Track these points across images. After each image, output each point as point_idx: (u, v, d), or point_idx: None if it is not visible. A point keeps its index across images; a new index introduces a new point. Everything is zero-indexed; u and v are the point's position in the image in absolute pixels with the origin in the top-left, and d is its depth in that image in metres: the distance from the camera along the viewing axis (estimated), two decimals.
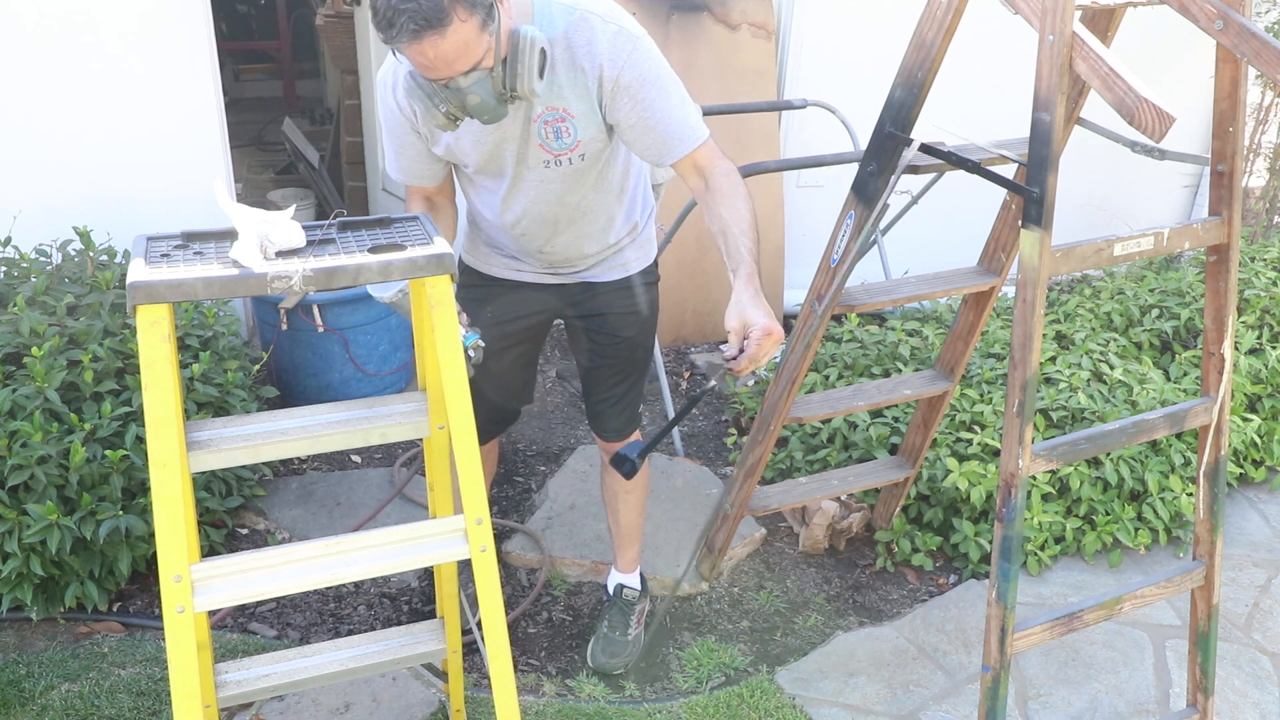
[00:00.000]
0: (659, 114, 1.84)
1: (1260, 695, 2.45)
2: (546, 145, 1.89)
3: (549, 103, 1.85)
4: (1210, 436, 2.02)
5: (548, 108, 1.85)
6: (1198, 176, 4.86)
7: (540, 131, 1.87)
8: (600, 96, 1.84)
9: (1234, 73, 1.76)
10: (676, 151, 1.87)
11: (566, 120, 1.86)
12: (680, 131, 1.86)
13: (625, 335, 2.24)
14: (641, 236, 2.22)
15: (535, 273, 2.19)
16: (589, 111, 1.86)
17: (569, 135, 1.88)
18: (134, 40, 3.01)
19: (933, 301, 3.71)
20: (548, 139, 1.88)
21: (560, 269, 2.17)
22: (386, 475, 3.09)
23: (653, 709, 2.34)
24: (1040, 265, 1.69)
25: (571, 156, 1.92)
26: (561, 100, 1.84)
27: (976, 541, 2.78)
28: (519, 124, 1.87)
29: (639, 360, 2.30)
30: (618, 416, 2.34)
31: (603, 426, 2.36)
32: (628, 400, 2.33)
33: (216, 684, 1.79)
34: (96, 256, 2.85)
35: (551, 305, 2.24)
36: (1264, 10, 4.56)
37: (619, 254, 2.18)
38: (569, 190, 1.99)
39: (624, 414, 2.34)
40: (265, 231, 1.48)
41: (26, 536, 2.28)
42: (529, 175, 1.95)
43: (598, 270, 2.18)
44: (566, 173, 1.95)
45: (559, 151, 1.91)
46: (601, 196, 2.05)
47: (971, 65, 3.32)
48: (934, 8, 1.90)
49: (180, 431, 1.47)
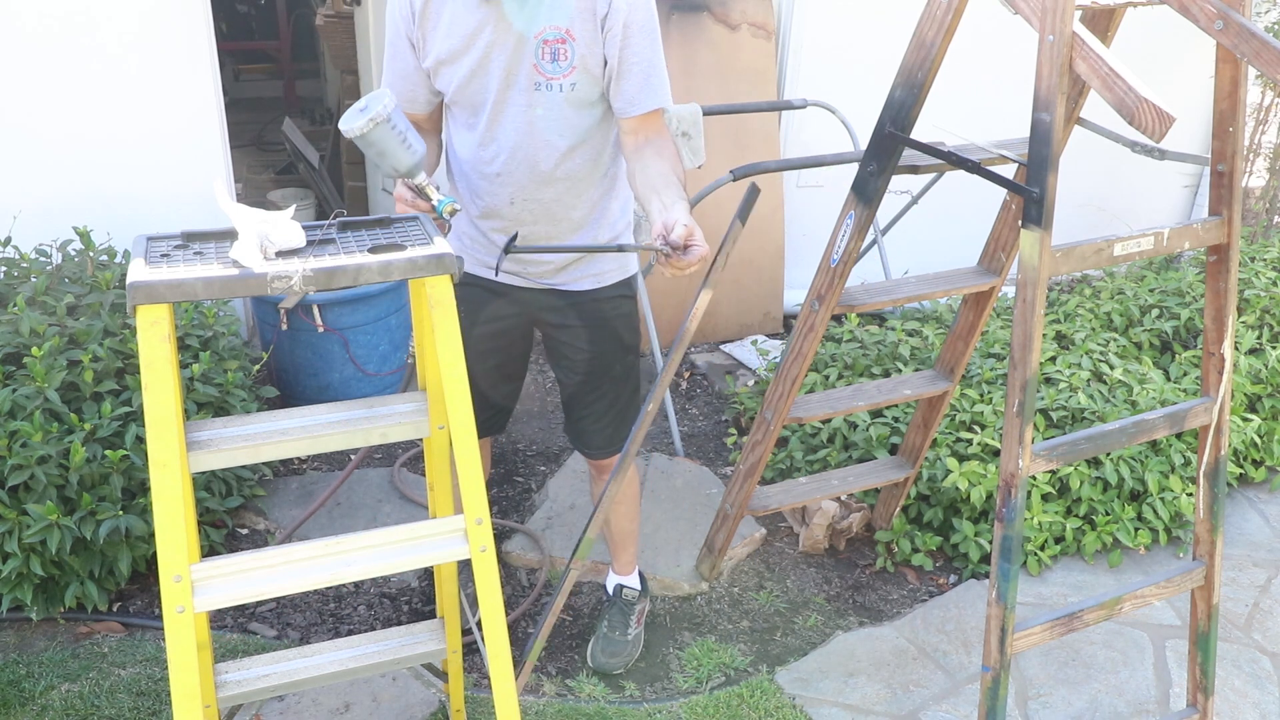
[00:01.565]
0: (645, 62, 1.87)
1: (1260, 695, 2.45)
2: (541, 66, 1.86)
3: (552, 20, 1.82)
4: (1210, 436, 2.02)
5: (550, 25, 1.83)
6: (1198, 176, 4.87)
7: (538, 50, 1.85)
8: (603, 23, 1.83)
9: (1234, 73, 1.76)
10: (646, 103, 1.90)
11: (567, 42, 1.84)
12: (657, 86, 1.90)
13: (599, 349, 2.18)
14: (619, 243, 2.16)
15: (507, 273, 2.12)
16: (591, 37, 1.84)
17: (565, 59, 1.86)
18: (134, 40, 3.01)
19: (933, 301, 3.71)
20: (543, 60, 1.85)
21: (531, 264, 2.11)
22: (387, 475, 3.09)
23: (653, 709, 2.34)
24: (1040, 265, 1.69)
25: (564, 83, 1.88)
26: (566, 19, 1.83)
27: (976, 541, 2.78)
28: (512, 38, 1.84)
29: (617, 376, 2.23)
30: (600, 434, 2.28)
31: (584, 443, 2.32)
32: (610, 417, 2.26)
33: (216, 684, 1.79)
34: (96, 256, 2.85)
35: (522, 311, 2.18)
36: (1264, 10, 4.56)
37: (595, 260, 2.13)
38: (554, 128, 1.93)
39: (605, 431, 2.27)
40: (265, 231, 1.48)
41: (26, 536, 2.28)
42: (515, 99, 1.90)
43: (571, 274, 2.12)
44: (556, 102, 1.90)
45: (553, 75, 1.87)
46: (589, 167, 2.00)
47: (971, 65, 3.32)
48: (934, 8, 1.90)
49: (180, 431, 1.47)
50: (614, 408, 2.26)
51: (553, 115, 1.92)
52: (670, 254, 1.72)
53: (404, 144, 1.70)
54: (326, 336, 3.22)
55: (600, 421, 2.26)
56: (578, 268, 2.13)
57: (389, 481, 3.07)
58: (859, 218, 2.10)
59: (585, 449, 2.33)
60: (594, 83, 1.91)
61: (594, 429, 2.28)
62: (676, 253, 1.72)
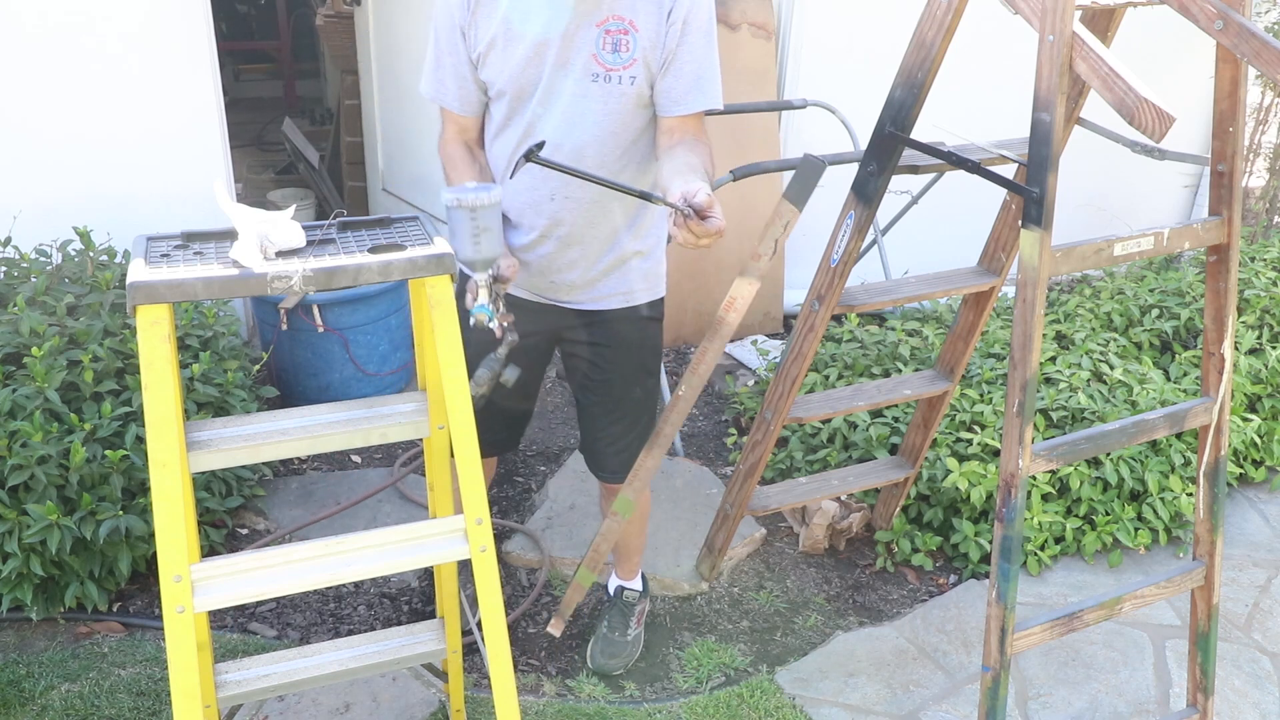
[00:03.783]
0: (697, 62, 1.82)
1: (1260, 695, 2.45)
2: (600, 57, 1.78)
3: (615, 9, 1.77)
4: (1210, 436, 2.02)
5: (613, 15, 1.77)
6: (1198, 176, 4.87)
7: (599, 40, 1.77)
8: (668, 16, 1.78)
9: (1234, 73, 1.76)
10: (692, 104, 1.84)
11: (630, 34, 1.78)
12: (708, 87, 1.85)
13: (622, 372, 2.13)
14: (650, 261, 2.09)
15: (533, 293, 2.07)
16: (655, 31, 1.78)
17: (627, 50, 1.79)
18: (134, 40, 3.01)
19: (933, 301, 3.71)
20: (604, 50, 1.78)
21: (560, 288, 2.05)
22: (386, 475, 3.09)
23: (653, 709, 2.34)
24: (1040, 265, 1.69)
25: (623, 74, 1.80)
26: (631, 10, 1.77)
27: (976, 541, 2.78)
28: (573, 22, 1.77)
29: (637, 400, 2.17)
30: (615, 457, 2.21)
31: (599, 465, 2.27)
32: (626, 441, 2.20)
33: (216, 684, 1.80)
34: (96, 256, 2.85)
35: (547, 328, 2.11)
36: (1264, 10, 4.57)
37: (625, 276, 2.05)
38: (607, 124, 1.85)
39: (621, 455, 2.20)
40: (265, 231, 1.48)
41: (26, 536, 2.28)
42: (568, 88, 1.82)
43: (601, 290, 2.05)
44: (608, 94, 1.82)
45: (612, 66, 1.79)
46: (636, 171, 1.93)
47: (971, 65, 3.32)
48: (934, 8, 1.90)
49: (180, 431, 1.47)
50: (632, 431, 2.20)
51: (609, 110, 1.84)
52: (690, 215, 1.62)
53: (474, 238, 1.60)
54: (326, 336, 3.22)
55: (615, 445, 2.21)
56: (605, 284, 2.05)
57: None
58: (859, 218, 2.10)
59: (599, 472, 2.28)
60: (649, 78, 1.84)
61: (609, 452, 2.23)
62: (695, 217, 1.62)
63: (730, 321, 1.95)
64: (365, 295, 3.22)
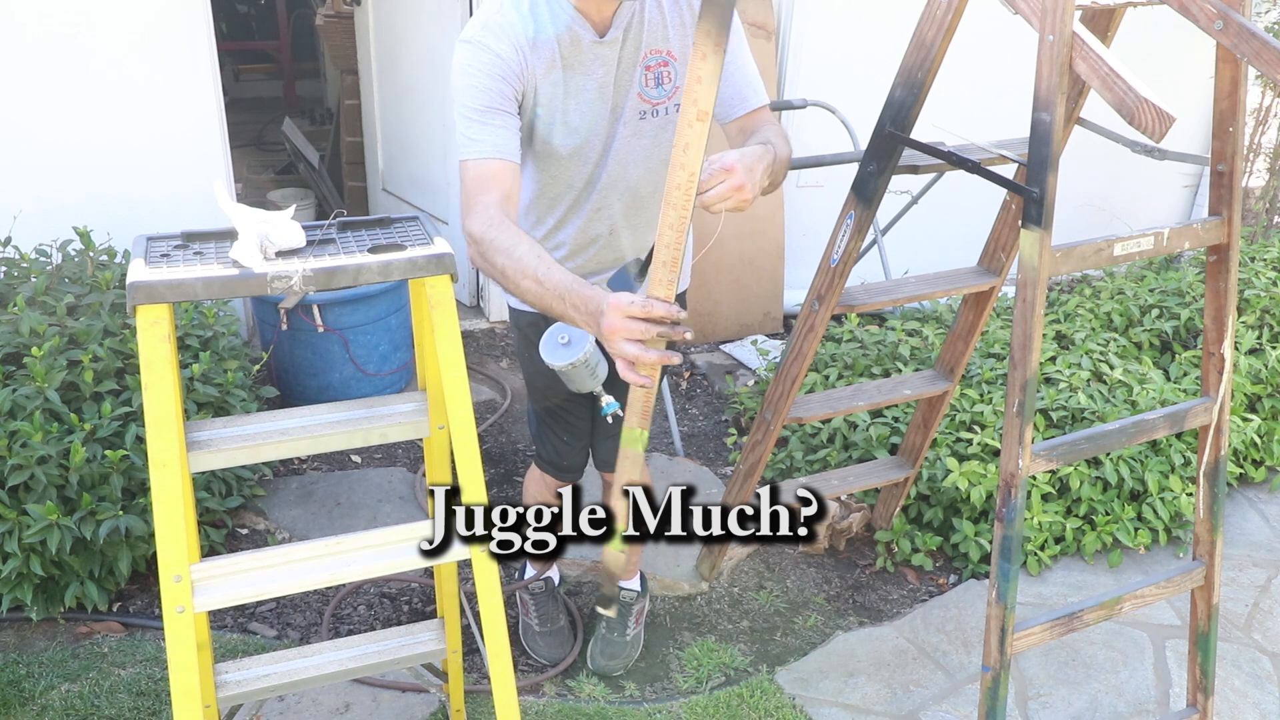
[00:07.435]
0: (741, 65, 1.82)
1: (1260, 695, 2.45)
2: (645, 94, 1.82)
3: (652, 45, 1.79)
4: (1210, 436, 2.02)
5: (651, 51, 1.79)
6: (1198, 176, 4.87)
7: (641, 79, 1.81)
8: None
9: (1234, 73, 1.76)
10: (752, 100, 1.84)
11: (669, 64, 1.81)
12: (756, 86, 1.85)
13: None
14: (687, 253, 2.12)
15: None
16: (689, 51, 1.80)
17: (669, 81, 1.82)
18: (134, 41, 3.01)
19: (933, 301, 3.71)
20: (648, 86, 1.81)
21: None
22: (386, 475, 3.09)
23: (653, 709, 2.34)
24: (1040, 265, 1.69)
25: (668, 105, 1.84)
26: (665, 42, 1.80)
27: (976, 541, 2.78)
28: (620, 70, 1.79)
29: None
30: (614, 449, 2.26)
31: (599, 457, 2.30)
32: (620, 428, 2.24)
33: (216, 684, 1.79)
34: (96, 256, 2.85)
35: None
36: (1264, 10, 4.57)
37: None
38: (657, 153, 1.88)
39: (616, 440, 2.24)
40: (265, 231, 1.48)
41: (26, 536, 2.28)
42: (621, 131, 1.85)
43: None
44: (658, 125, 1.86)
45: (657, 100, 1.83)
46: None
47: (971, 65, 3.32)
48: (934, 8, 1.90)
49: (180, 431, 1.47)
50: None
51: (659, 141, 1.88)
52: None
53: (592, 375, 1.75)
54: (326, 336, 3.22)
55: (613, 436, 2.22)
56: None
57: (388, 482, 3.07)
58: (859, 218, 2.10)
59: (600, 465, 2.30)
60: None
61: (609, 446, 2.24)
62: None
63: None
64: (365, 295, 3.22)
